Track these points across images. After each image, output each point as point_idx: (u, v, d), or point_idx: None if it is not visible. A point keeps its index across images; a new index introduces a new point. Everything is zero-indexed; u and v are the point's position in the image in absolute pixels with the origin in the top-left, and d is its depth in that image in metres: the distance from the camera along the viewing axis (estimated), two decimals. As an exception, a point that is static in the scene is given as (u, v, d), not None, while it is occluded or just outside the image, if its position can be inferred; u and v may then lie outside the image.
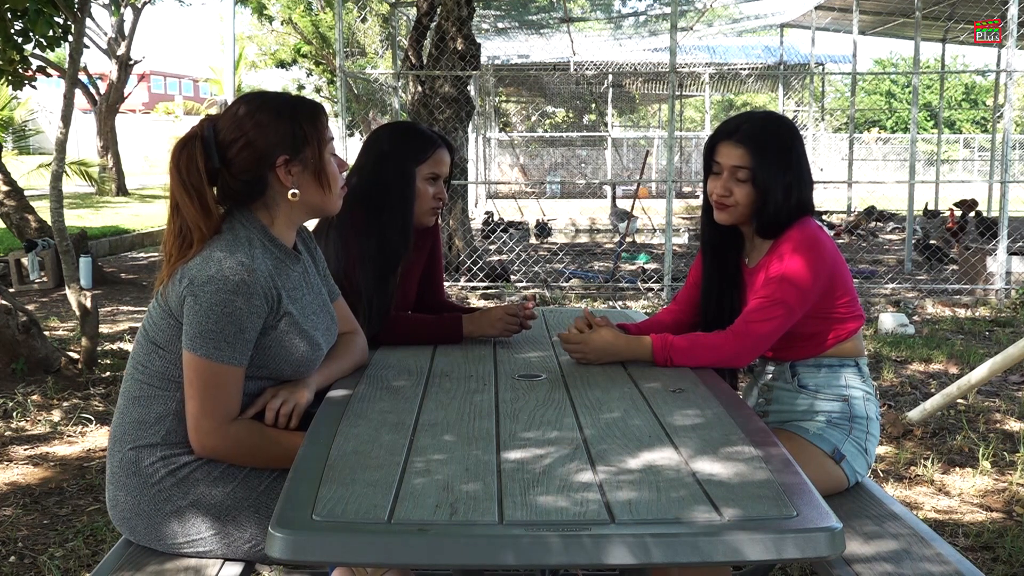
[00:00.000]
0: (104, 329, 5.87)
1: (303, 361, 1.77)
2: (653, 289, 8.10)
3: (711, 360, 2.03)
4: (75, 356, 4.75)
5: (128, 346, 5.52)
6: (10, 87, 5.86)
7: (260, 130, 1.73)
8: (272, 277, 1.71)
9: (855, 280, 6.16)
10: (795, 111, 17.24)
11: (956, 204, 11.76)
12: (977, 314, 7.01)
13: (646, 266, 9.66)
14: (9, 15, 5.12)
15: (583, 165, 23.78)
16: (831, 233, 2.56)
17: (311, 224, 2.01)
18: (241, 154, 1.73)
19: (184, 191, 1.70)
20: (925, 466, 3.49)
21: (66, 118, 4.76)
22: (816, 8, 13.86)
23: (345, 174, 1.89)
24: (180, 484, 1.70)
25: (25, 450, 3.72)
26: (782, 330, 2.02)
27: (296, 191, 1.77)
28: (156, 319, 1.73)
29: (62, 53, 9.35)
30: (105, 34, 17.41)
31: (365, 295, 2.21)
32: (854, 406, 2.09)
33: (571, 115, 27.25)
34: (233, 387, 1.68)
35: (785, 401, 2.14)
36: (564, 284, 8.32)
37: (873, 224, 13.26)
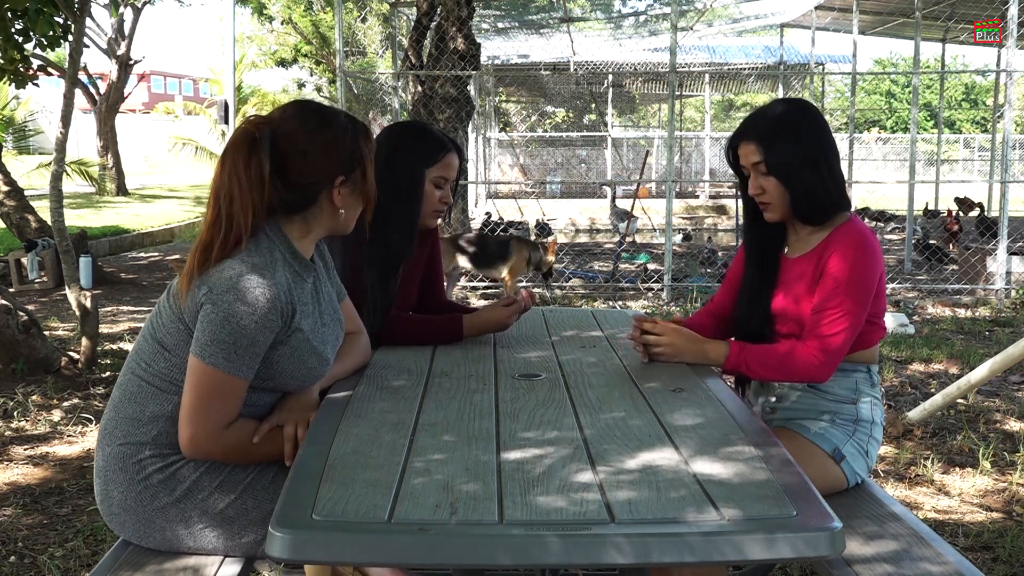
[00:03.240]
0: (104, 329, 5.87)
1: (309, 376, 1.77)
2: (653, 289, 8.10)
3: (789, 375, 2.03)
4: (75, 356, 4.75)
5: (128, 346, 5.52)
6: (12, 86, 5.87)
7: (324, 148, 1.73)
8: (289, 291, 1.70)
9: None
10: (795, 111, 17.18)
11: (957, 201, 11.76)
12: (977, 314, 7.02)
13: (647, 266, 9.66)
14: (9, 15, 5.12)
15: (583, 165, 23.77)
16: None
17: None
18: (302, 169, 1.72)
19: (250, 196, 1.66)
20: (925, 466, 3.49)
21: (66, 118, 4.77)
22: (816, 8, 13.84)
23: None
24: (166, 482, 1.71)
25: (25, 450, 3.72)
26: (854, 337, 2.01)
27: (343, 211, 1.78)
28: (166, 321, 1.72)
29: (62, 53, 9.36)
30: (105, 34, 17.39)
31: (368, 294, 2.21)
32: (860, 409, 2.09)
33: (571, 115, 27.24)
34: (234, 398, 1.67)
35: (792, 399, 2.13)
36: (564, 284, 8.31)
37: (873, 224, 13.25)
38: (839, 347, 1.98)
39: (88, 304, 4.65)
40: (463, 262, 7.19)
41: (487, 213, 13.71)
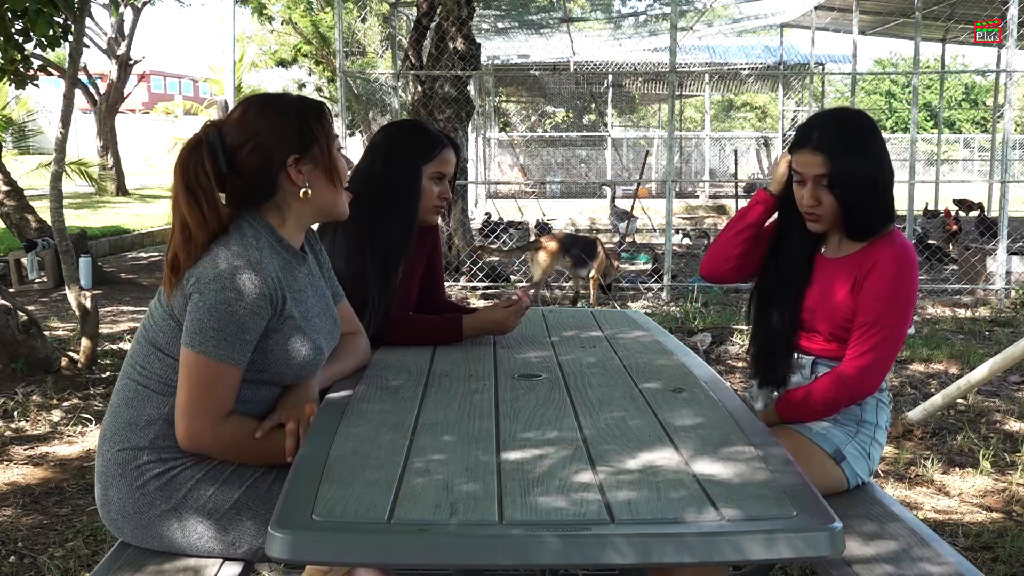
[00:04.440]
0: (104, 329, 5.87)
1: (304, 365, 1.76)
2: (653, 289, 8.10)
3: (839, 404, 2.05)
4: (75, 356, 4.75)
5: (128, 346, 5.52)
6: (12, 86, 5.87)
7: (268, 131, 1.73)
8: (278, 278, 1.69)
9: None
10: (795, 111, 17.21)
11: (956, 203, 11.76)
12: (977, 314, 7.01)
13: (645, 266, 9.65)
14: (9, 15, 5.12)
15: (583, 165, 23.76)
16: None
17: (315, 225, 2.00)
18: (251, 157, 1.72)
19: (192, 198, 1.68)
20: (925, 466, 3.49)
21: (66, 118, 4.76)
22: (816, 8, 13.85)
23: (349, 173, 1.88)
24: (163, 488, 1.70)
25: (25, 450, 3.72)
26: (896, 348, 2.02)
27: (308, 189, 1.76)
28: (158, 321, 1.72)
29: (62, 53, 9.35)
30: (105, 34, 17.40)
31: (370, 294, 2.21)
32: (865, 410, 2.08)
33: (571, 115, 27.23)
34: (228, 387, 1.66)
35: None
36: (564, 284, 8.31)
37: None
38: (872, 362, 1.99)
39: (88, 304, 4.65)
40: (566, 261, 7.32)
41: (487, 213, 13.71)
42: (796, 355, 2.14)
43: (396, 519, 1.22)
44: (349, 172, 1.86)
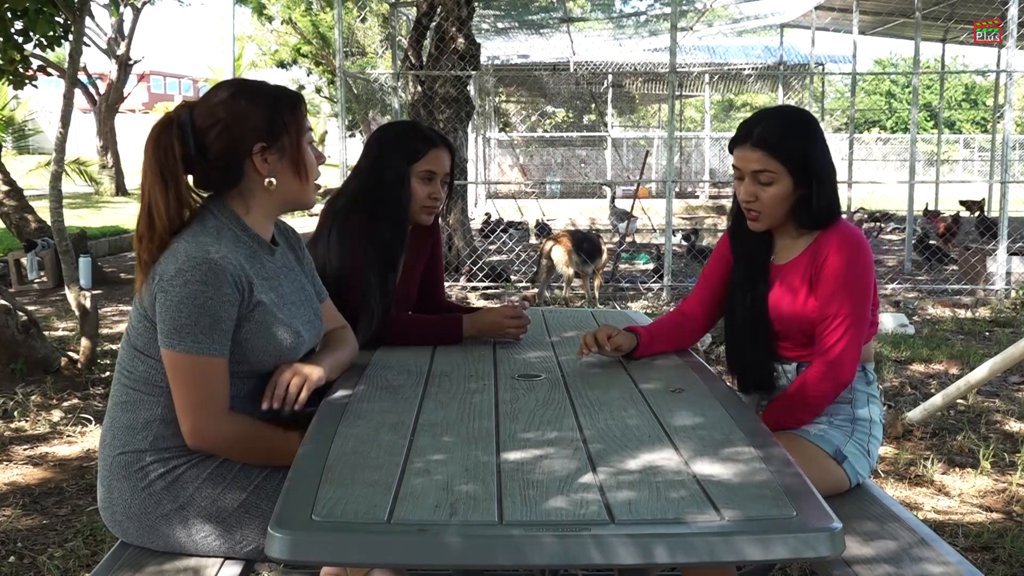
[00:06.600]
0: (104, 329, 5.87)
1: (284, 351, 1.74)
2: (653, 289, 8.09)
3: (821, 401, 2.04)
4: (75, 356, 4.75)
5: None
6: (11, 86, 5.87)
7: (237, 116, 1.71)
8: (242, 266, 1.67)
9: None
10: (795, 111, 17.15)
11: (962, 203, 11.77)
12: (977, 314, 7.01)
13: (646, 267, 9.65)
14: (9, 14, 5.12)
15: (583, 165, 23.76)
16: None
17: (312, 225, 2.00)
18: (218, 140, 1.70)
19: (160, 179, 1.66)
20: (925, 466, 3.49)
21: (66, 118, 4.76)
22: (816, 8, 13.84)
23: (321, 167, 1.86)
24: (169, 488, 1.69)
25: (25, 450, 3.72)
26: (863, 334, 2.02)
27: (273, 180, 1.74)
28: (135, 323, 1.71)
29: (62, 53, 9.36)
30: (105, 34, 17.40)
31: (370, 294, 2.21)
32: (857, 406, 2.08)
33: (571, 115, 27.22)
34: (219, 378, 1.65)
35: None
36: (563, 284, 8.31)
37: (874, 224, 13.25)
38: (842, 351, 1.99)
39: (88, 304, 4.65)
40: (577, 259, 7.35)
41: (487, 213, 13.71)
42: (777, 363, 2.13)
43: (396, 519, 1.22)
44: (320, 166, 1.84)
